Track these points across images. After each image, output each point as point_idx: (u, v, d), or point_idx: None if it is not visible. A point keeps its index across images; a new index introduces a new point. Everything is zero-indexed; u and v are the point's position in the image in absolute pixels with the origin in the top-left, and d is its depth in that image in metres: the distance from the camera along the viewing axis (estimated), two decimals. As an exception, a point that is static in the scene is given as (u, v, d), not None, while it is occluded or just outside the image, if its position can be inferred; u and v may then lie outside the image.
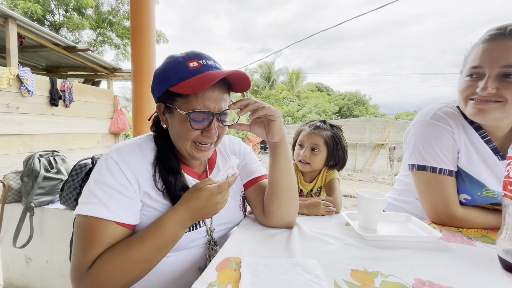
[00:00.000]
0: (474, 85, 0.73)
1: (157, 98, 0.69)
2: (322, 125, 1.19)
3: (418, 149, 0.85)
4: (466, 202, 0.83)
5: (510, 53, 0.67)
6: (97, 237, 0.57)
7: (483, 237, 0.74)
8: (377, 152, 12.23)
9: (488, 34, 0.72)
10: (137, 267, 0.57)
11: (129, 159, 0.64)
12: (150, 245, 0.58)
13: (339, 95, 26.13)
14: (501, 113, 0.71)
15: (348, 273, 0.54)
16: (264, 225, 0.79)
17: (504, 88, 0.68)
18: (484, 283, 0.52)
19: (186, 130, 0.64)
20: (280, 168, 0.75)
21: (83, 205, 0.59)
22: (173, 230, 0.61)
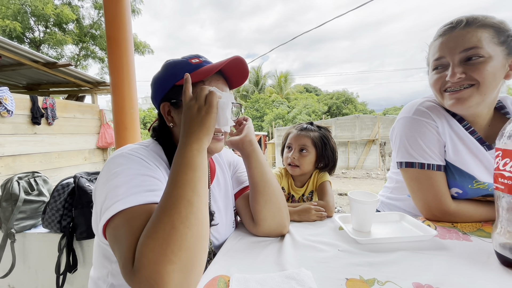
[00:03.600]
0: (442, 76, 0.77)
1: (160, 99, 0.68)
2: (309, 126, 1.17)
3: (404, 146, 0.84)
4: (458, 196, 0.82)
5: (464, 40, 0.72)
6: (141, 220, 0.48)
7: (478, 231, 0.72)
8: (368, 149, 12.38)
9: (441, 30, 0.78)
10: (183, 220, 0.45)
11: (149, 157, 0.61)
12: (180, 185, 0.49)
13: (328, 94, 26.44)
14: (478, 97, 0.73)
15: (343, 283, 0.51)
16: (255, 234, 0.76)
17: (471, 71, 0.72)
18: (483, 281, 0.50)
19: None
20: (257, 165, 0.76)
21: (116, 204, 0.50)
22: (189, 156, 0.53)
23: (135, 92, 2.06)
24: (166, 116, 0.68)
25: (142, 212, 0.50)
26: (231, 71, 0.68)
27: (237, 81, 0.72)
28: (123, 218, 0.49)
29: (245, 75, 0.70)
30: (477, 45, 0.70)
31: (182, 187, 0.49)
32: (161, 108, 0.68)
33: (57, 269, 1.29)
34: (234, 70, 0.68)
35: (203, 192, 0.51)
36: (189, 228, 0.46)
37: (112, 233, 0.50)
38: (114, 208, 0.50)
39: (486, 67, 0.70)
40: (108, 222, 0.51)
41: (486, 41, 0.71)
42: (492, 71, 0.70)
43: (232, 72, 0.69)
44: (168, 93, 0.67)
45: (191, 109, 0.56)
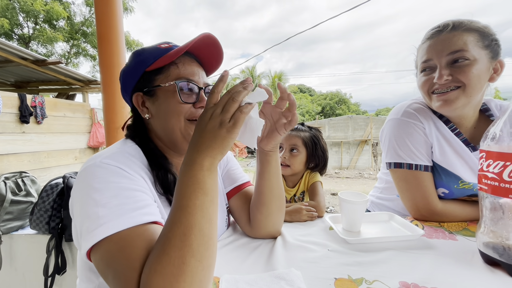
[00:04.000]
0: (430, 78, 0.79)
1: (131, 91, 0.64)
2: (300, 127, 1.19)
3: (393, 147, 0.86)
4: (444, 196, 0.84)
5: (450, 43, 0.75)
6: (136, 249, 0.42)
7: (464, 230, 0.74)
8: (361, 149, 12.52)
9: (429, 33, 0.81)
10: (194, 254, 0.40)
11: (128, 164, 0.53)
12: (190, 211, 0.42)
13: (321, 95, 26.66)
14: (464, 99, 0.75)
15: (332, 283, 0.52)
16: (249, 236, 0.75)
17: (457, 73, 0.74)
18: (467, 280, 0.51)
19: (176, 104, 0.60)
20: (271, 177, 0.68)
21: (101, 227, 0.43)
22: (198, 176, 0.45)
23: (127, 91, 2.04)
24: (140, 108, 0.63)
25: (135, 237, 0.44)
26: (204, 52, 0.64)
27: (212, 64, 0.68)
28: (114, 245, 0.43)
29: (219, 55, 0.66)
30: (463, 48, 0.73)
31: (193, 214, 0.42)
32: (134, 100, 0.63)
33: (45, 271, 1.27)
34: (207, 52, 0.64)
35: (214, 218, 0.45)
36: (200, 261, 0.41)
37: (101, 261, 0.43)
38: (99, 233, 0.43)
39: (472, 69, 0.72)
40: (93, 248, 0.44)
41: (472, 44, 0.73)
42: (477, 73, 0.73)
43: (205, 54, 0.65)
44: (139, 81, 0.62)
45: (212, 121, 0.45)
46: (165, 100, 0.61)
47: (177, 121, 0.60)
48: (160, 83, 0.60)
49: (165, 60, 0.59)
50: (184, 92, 0.60)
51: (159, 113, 0.62)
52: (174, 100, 0.60)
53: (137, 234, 0.44)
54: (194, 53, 0.64)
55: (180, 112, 0.60)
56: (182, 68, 0.61)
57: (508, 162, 0.51)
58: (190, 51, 0.63)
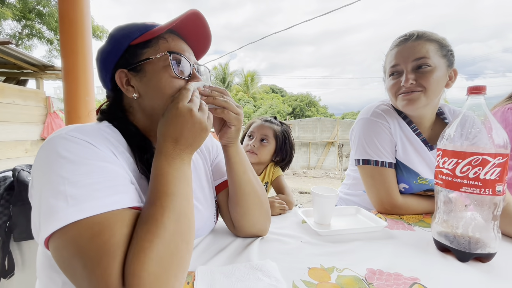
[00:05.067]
0: (398, 81, 0.86)
1: (113, 68, 0.57)
2: (273, 120, 1.25)
3: (362, 145, 0.92)
4: (404, 191, 0.92)
5: (415, 50, 0.83)
6: (117, 235, 0.38)
7: (420, 222, 0.82)
8: (328, 150, 13.10)
9: (397, 41, 0.89)
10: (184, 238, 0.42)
11: (100, 140, 0.48)
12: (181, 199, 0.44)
13: (292, 96, 27.33)
14: (425, 100, 0.84)
15: (305, 272, 0.54)
16: (235, 235, 0.72)
17: (420, 79, 0.82)
18: (423, 264, 0.57)
19: (168, 79, 0.54)
20: (235, 174, 0.66)
21: (71, 209, 0.38)
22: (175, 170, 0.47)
23: (92, 79, 1.87)
24: (124, 87, 0.56)
25: (114, 222, 0.39)
26: (192, 33, 0.60)
27: (200, 45, 0.64)
28: (86, 231, 0.38)
29: (208, 38, 0.62)
30: (425, 56, 0.81)
31: (181, 201, 0.44)
32: (117, 79, 0.56)
33: (-11, 277, 1.13)
34: (195, 33, 0.60)
35: (193, 206, 0.48)
36: (187, 247, 0.43)
37: (65, 249, 0.38)
38: (67, 215, 0.37)
39: (432, 75, 0.81)
40: (55, 233, 0.38)
41: (433, 53, 0.81)
42: (436, 79, 0.81)
43: (192, 35, 0.61)
44: (123, 57, 0.56)
45: (194, 120, 0.48)
46: (156, 75, 0.54)
47: (170, 98, 0.53)
48: (150, 56, 0.55)
49: (153, 33, 0.55)
50: (176, 66, 0.56)
51: (148, 91, 0.55)
52: (166, 74, 0.54)
53: (118, 219, 0.40)
54: (181, 33, 0.60)
55: (174, 88, 0.54)
56: (172, 42, 0.57)
57: (460, 159, 0.57)
58: (177, 31, 0.60)
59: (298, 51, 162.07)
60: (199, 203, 0.68)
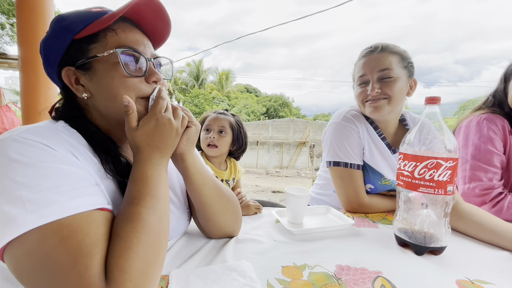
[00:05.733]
0: (365, 90, 0.93)
1: (57, 65, 0.51)
2: (226, 112, 1.33)
3: (333, 148, 0.98)
4: (370, 191, 0.99)
5: (379, 62, 0.90)
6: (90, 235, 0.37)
7: (383, 220, 0.89)
8: (300, 150, 13.46)
9: (363, 52, 0.96)
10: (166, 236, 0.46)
11: (58, 140, 0.44)
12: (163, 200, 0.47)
13: (266, 97, 27.61)
14: (389, 107, 0.91)
15: (279, 271, 0.56)
16: (206, 236, 0.72)
17: (385, 87, 0.89)
18: (385, 259, 0.62)
19: (121, 79, 0.50)
20: (196, 186, 0.61)
21: (30, 215, 0.35)
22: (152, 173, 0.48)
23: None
24: (74, 86, 0.51)
25: (84, 224, 0.37)
26: (148, 20, 0.55)
27: (157, 35, 0.58)
28: (52, 237, 0.35)
29: (166, 24, 0.57)
30: (389, 67, 0.88)
31: (163, 202, 0.47)
32: (64, 77, 0.51)
33: None
34: (151, 19, 0.55)
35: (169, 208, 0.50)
36: (165, 245, 0.46)
37: (27, 257, 0.35)
38: (27, 222, 0.34)
39: (396, 85, 0.89)
40: (11, 242, 0.35)
41: (395, 64, 0.89)
42: (399, 88, 0.89)
43: (149, 22, 0.55)
44: (68, 53, 0.50)
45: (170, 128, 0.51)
46: (106, 74, 0.50)
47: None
48: (97, 53, 0.49)
49: (99, 25, 0.49)
50: (128, 64, 0.50)
51: (100, 91, 0.51)
52: (117, 74, 0.49)
53: (89, 220, 0.38)
54: (136, 20, 0.55)
55: (129, 88, 0.50)
56: (122, 35, 0.51)
57: (418, 162, 0.63)
58: (131, 17, 0.54)
59: (272, 52, 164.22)
60: (170, 202, 0.64)
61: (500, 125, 0.95)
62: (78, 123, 0.51)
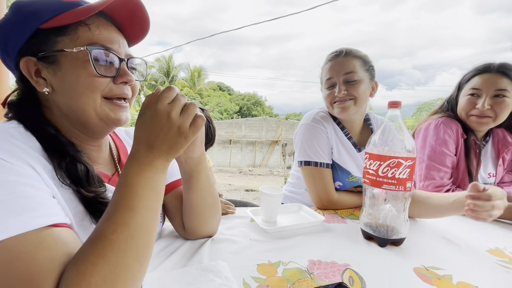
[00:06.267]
0: (332, 92, 0.99)
1: (16, 54, 0.47)
2: None
3: (304, 148, 1.02)
4: (339, 188, 1.04)
5: (345, 65, 0.96)
6: (37, 261, 0.33)
7: (351, 215, 0.94)
8: (272, 148, 13.67)
9: (329, 56, 1.02)
10: (138, 258, 0.38)
11: (7, 148, 0.39)
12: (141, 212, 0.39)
13: (240, 95, 27.58)
14: (355, 108, 0.98)
15: (254, 269, 0.57)
16: (184, 238, 0.71)
17: (350, 89, 0.96)
18: (353, 252, 0.66)
19: (88, 78, 0.46)
20: (203, 188, 0.61)
21: None
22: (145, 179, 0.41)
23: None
24: (33, 79, 0.47)
25: (30, 247, 0.33)
26: (125, 17, 0.52)
27: (135, 33, 0.55)
28: (10, 254, 0.32)
29: (145, 22, 0.54)
30: (353, 70, 0.95)
31: (144, 215, 0.39)
32: (23, 67, 0.46)
33: None
34: (129, 16, 0.51)
35: (158, 220, 0.44)
36: (142, 265, 0.39)
37: None
38: None
39: (360, 86, 0.96)
40: None
41: (358, 67, 0.96)
42: (363, 89, 0.96)
43: (126, 18, 0.52)
44: (30, 42, 0.46)
45: (170, 123, 0.43)
46: (73, 71, 0.46)
47: (90, 99, 0.47)
48: (65, 48, 0.45)
49: (71, 17, 0.44)
50: (100, 63, 0.47)
51: (63, 87, 0.47)
52: (85, 72, 0.46)
53: (34, 242, 0.34)
54: (112, 16, 0.51)
55: (95, 88, 0.47)
56: (96, 31, 0.47)
57: (382, 162, 0.68)
58: (108, 13, 0.50)
59: (245, 51, 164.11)
60: None
61: (454, 129, 1.07)
62: (34, 124, 0.47)
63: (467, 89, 1.08)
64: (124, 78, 0.50)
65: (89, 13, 0.44)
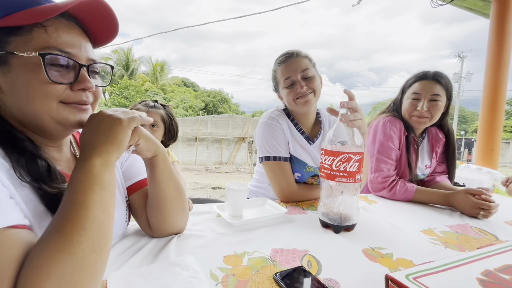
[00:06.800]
0: (293, 89, 1.06)
1: None
2: (157, 104, 1.33)
3: (263, 145, 1.09)
4: (298, 179, 1.13)
5: (299, 64, 1.04)
6: None
7: (311, 207, 1.02)
8: (239, 146, 13.70)
9: (283, 57, 1.08)
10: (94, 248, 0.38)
11: None
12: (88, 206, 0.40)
13: (205, 92, 26.98)
14: (315, 99, 1.07)
15: (221, 260, 0.60)
16: (151, 236, 0.70)
17: (309, 84, 1.05)
18: (312, 239, 0.73)
19: (41, 84, 0.44)
20: (162, 181, 0.62)
21: None
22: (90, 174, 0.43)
23: None
24: None
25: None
26: (92, 17, 0.49)
27: (102, 35, 0.53)
28: None
29: (113, 23, 0.52)
30: (307, 67, 1.04)
31: (92, 209, 0.40)
32: None
33: None
34: (96, 17, 0.49)
35: (113, 213, 0.44)
36: (100, 256, 0.39)
37: None
38: None
39: (315, 81, 1.05)
40: None
41: (310, 65, 1.06)
42: (317, 83, 1.06)
43: (93, 19, 0.49)
44: None
45: (109, 118, 0.47)
46: (24, 75, 0.43)
47: (43, 105, 0.45)
48: (16, 50, 0.42)
49: (26, 18, 0.42)
50: (54, 69, 0.44)
51: (14, 90, 0.44)
52: (37, 78, 0.43)
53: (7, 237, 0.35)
54: (76, 16, 0.48)
55: (48, 95, 0.45)
56: (53, 34, 0.44)
57: (335, 157, 0.75)
58: (71, 13, 0.47)
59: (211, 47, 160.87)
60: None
61: (398, 127, 1.22)
62: None
63: (410, 93, 1.23)
64: (83, 85, 0.48)
65: (46, 15, 0.42)
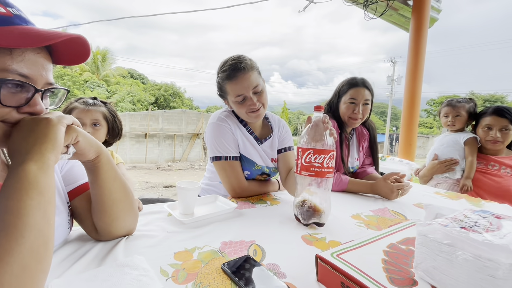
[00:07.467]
0: (245, 104, 1.09)
1: None
2: (96, 101, 1.25)
3: (213, 145, 1.13)
4: (248, 177, 1.20)
5: (249, 81, 1.05)
6: None
7: (260, 201, 1.10)
8: (193, 142, 13.34)
9: (231, 71, 1.04)
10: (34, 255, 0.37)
11: None
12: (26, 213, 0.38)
13: (155, 85, 25.37)
14: (264, 111, 1.14)
15: (172, 257, 0.62)
16: (98, 240, 0.68)
17: (260, 99, 1.10)
18: (259, 230, 0.79)
19: None
20: (106, 182, 0.61)
21: None
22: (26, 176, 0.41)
23: None
24: None
25: None
26: (65, 48, 0.51)
27: (68, 61, 0.54)
28: None
29: (85, 55, 0.53)
30: (257, 83, 1.09)
31: (29, 215, 0.39)
32: None
33: None
34: (69, 48, 0.51)
35: (53, 219, 0.43)
36: (41, 263, 0.39)
37: None
38: None
39: (264, 94, 1.12)
40: None
41: (259, 79, 1.11)
42: (265, 95, 1.13)
43: (65, 50, 0.52)
44: None
45: (29, 123, 0.45)
46: None
47: None
48: None
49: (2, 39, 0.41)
50: (7, 93, 0.44)
51: None
52: None
53: None
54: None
55: None
56: (18, 58, 0.44)
57: (325, 155, 0.78)
58: None
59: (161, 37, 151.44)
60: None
61: (334, 126, 1.37)
62: None
63: (347, 98, 1.40)
64: (31, 109, 0.48)
65: (32, 44, 0.43)
